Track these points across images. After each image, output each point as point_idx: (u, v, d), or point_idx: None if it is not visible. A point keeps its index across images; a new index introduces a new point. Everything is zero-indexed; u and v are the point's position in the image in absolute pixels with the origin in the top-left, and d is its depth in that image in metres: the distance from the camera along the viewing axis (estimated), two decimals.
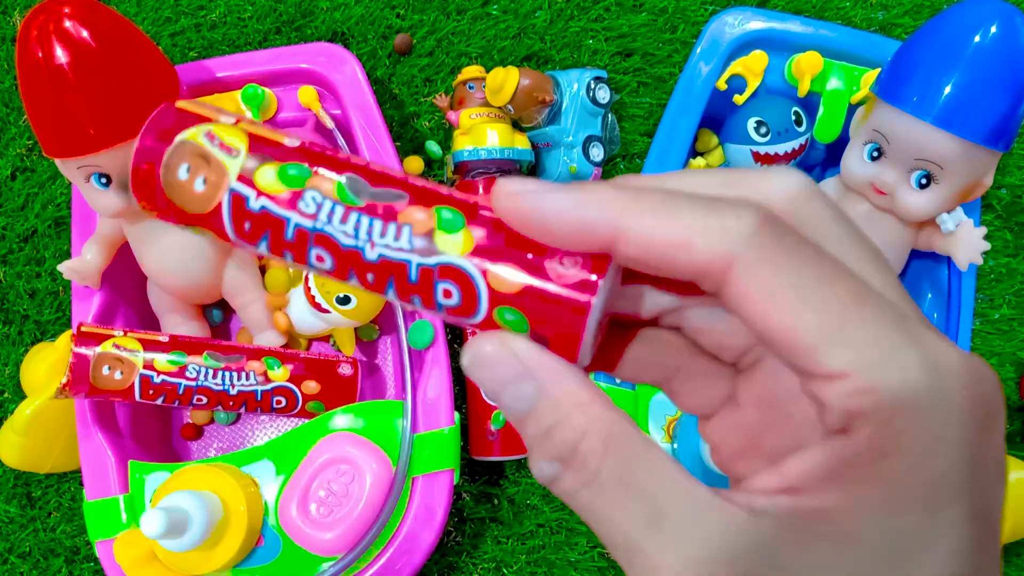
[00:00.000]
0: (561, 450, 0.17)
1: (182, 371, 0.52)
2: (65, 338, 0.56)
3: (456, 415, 0.52)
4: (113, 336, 0.52)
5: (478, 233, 0.17)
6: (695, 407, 0.21)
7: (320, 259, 0.18)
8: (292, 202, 0.18)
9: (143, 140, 0.19)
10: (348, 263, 0.18)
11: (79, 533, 0.60)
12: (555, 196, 0.16)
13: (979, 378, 0.15)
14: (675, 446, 0.54)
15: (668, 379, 0.20)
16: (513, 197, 0.17)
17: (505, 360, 0.17)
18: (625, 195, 0.16)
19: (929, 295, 0.60)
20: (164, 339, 0.53)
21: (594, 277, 0.17)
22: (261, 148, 0.18)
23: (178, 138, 0.19)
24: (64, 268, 0.53)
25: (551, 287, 0.17)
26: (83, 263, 0.53)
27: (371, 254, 0.18)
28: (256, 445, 0.54)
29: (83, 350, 0.51)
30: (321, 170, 0.18)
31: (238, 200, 0.18)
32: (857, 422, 0.15)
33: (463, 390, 0.61)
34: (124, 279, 0.57)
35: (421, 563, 0.51)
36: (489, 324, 0.18)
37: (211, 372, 0.52)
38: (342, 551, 0.50)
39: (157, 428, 0.60)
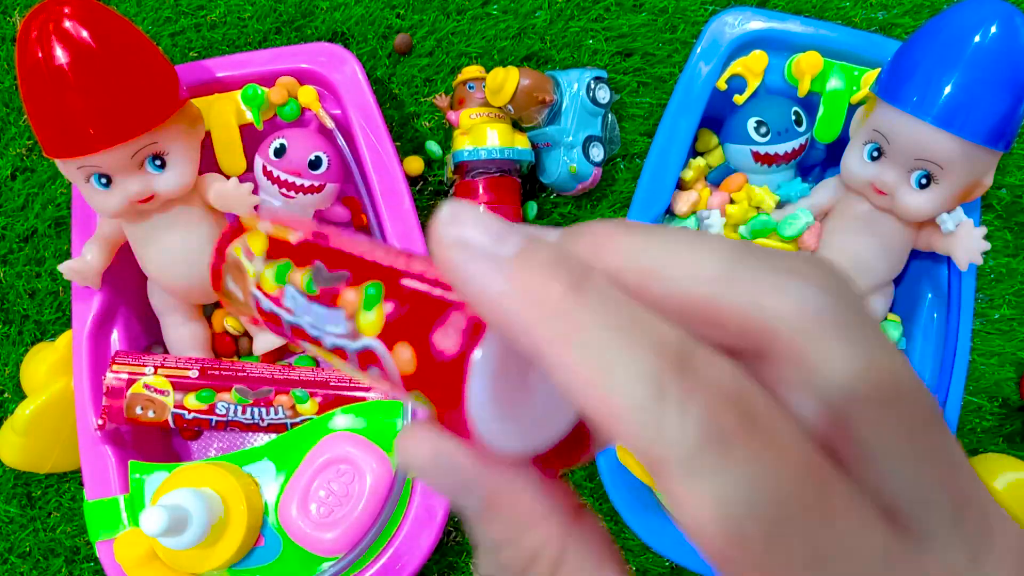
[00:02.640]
0: (508, 572, 0.15)
1: (212, 408, 0.53)
2: (65, 338, 0.56)
3: None
4: (144, 376, 0.53)
5: (387, 309, 0.16)
6: None
7: (312, 346, 0.18)
8: (280, 300, 0.18)
9: (214, 256, 0.20)
10: (322, 349, 0.18)
11: (79, 533, 0.60)
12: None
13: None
14: None
15: None
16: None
17: (443, 474, 0.15)
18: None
19: (929, 295, 0.60)
20: (194, 374, 0.53)
21: (472, 350, 0.15)
22: (273, 250, 0.19)
23: (227, 252, 0.20)
24: (64, 268, 0.53)
25: (434, 360, 0.15)
26: (83, 263, 0.53)
27: (328, 342, 0.17)
28: (256, 445, 0.54)
29: (115, 382, 0.52)
30: (298, 264, 0.18)
31: (258, 303, 0.19)
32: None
33: None
34: (124, 279, 0.57)
35: (421, 563, 0.51)
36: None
37: (240, 408, 0.53)
38: (342, 551, 0.50)
39: (157, 428, 0.60)
